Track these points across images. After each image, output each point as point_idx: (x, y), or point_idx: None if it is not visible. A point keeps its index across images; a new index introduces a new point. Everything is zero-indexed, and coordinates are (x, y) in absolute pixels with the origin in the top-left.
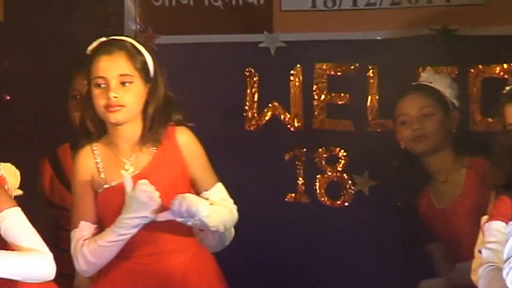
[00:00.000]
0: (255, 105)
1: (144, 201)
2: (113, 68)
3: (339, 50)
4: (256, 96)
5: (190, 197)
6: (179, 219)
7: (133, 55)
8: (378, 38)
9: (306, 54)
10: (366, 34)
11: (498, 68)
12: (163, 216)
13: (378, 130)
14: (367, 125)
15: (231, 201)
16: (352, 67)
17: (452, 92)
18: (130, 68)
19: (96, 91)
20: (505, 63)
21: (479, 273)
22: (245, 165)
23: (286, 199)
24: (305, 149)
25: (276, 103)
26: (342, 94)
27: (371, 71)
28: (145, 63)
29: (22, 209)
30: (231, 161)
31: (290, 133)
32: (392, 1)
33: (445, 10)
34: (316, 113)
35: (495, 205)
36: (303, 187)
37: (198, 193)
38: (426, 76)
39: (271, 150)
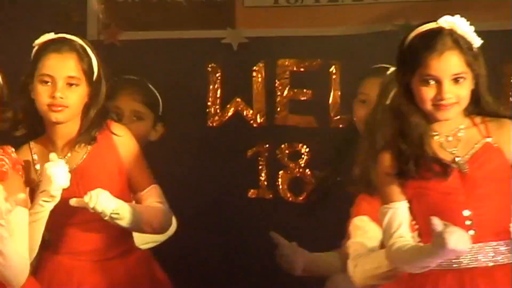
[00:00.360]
0: (218, 101)
1: (47, 175)
2: (62, 68)
3: (302, 46)
4: (219, 92)
5: (103, 196)
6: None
7: (82, 57)
8: (341, 34)
9: (268, 50)
10: (328, 30)
11: None
12: (75, 201)
13: (341, 126)
14: (330, 121)
15: (166, 206)
16: (315, 63)
17: None
18: (79, 70)
19: (40, 88)
20: None
21: (349, 268)
22: (208, 161)
23: (249, 195)
24: (268, 145)
25: (238, 99)
26: (305, 90)
27: (333, 67)
28: (91, 66)
29: None
30: (194, 157)
31: (253, 129)
32: None
33: (408, 5)
34: (278, 109)
35: (355, 205)
36: (265, 183)
37: (133, 194)
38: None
39: (234, 146)
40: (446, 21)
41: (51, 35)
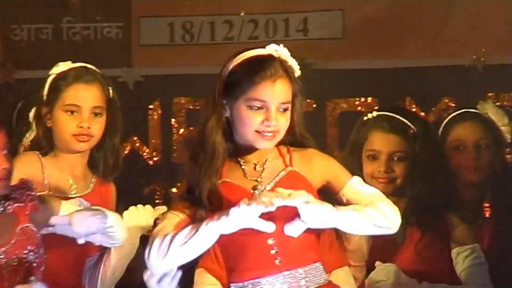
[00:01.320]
0: None
1: None
2: (89, 98)
3: (198, 84)
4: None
5: None
6: None
7: (105, 86)
8: None
9: (164, 88)
10: None
11: (355, 102)
12: None
13: None
14: None
15: None
16: None
17: (507, 128)
18: (103, 99)
19: (66, 117)
20: (362, 96)
21: None
22: None
23: (145, 233)
24: (164, 183)
25: (135, 138)
26: None
27: None
28: (110, 95)
29: None
30: None
31: (149, 167)
32: (250, 35)
33: (303, 43)
34: (175, 147)
35: None
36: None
37: None
38: (486, 106)
39: (129, 184)
40: (276, 50)
41: (69, 64)
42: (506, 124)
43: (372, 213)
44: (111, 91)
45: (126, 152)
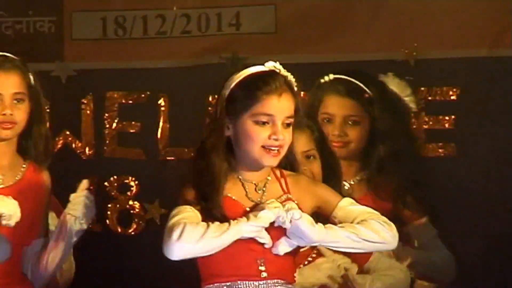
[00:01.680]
0: None
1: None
2: (9, 85)
3: (130, 79)
4: (47, 124)
5: None
6: None
7: (25, 73)
8: (169, 66)
9: (97, 82)
10: (157, 63)
11: None
12: None
13: (169, 158)
14: (158, 153)
15: None
16: (143, 95)
17: (411, 99)
18: (24, 86)
19: None
20: None
21: None
22: None
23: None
24: (96, 178)
25: (67, 132)
26: (133, 123)
27: (162, 99)
28: (31, 81)
29: None
30: None
31: (82, 162)
32: (182, 29)
33: (235, 38)
34: (107, 141)
35: None
36: (94, 216)
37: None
38: (387, 80)
39: (62, 179)
40: (275, 66)
41: None
42: (410, 95)
43: (359, 227)
44: (31, 78)
45: (58, 146)
